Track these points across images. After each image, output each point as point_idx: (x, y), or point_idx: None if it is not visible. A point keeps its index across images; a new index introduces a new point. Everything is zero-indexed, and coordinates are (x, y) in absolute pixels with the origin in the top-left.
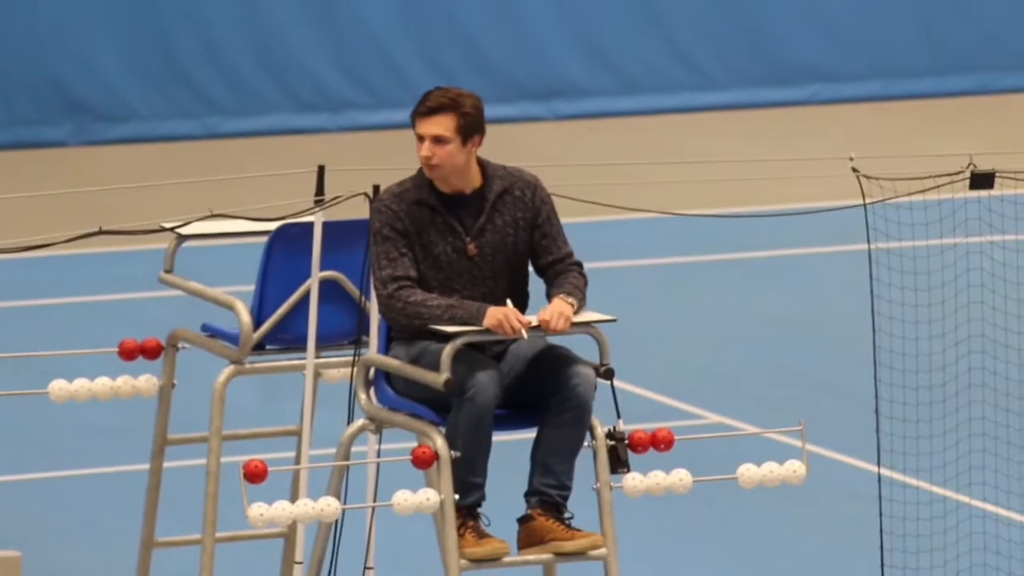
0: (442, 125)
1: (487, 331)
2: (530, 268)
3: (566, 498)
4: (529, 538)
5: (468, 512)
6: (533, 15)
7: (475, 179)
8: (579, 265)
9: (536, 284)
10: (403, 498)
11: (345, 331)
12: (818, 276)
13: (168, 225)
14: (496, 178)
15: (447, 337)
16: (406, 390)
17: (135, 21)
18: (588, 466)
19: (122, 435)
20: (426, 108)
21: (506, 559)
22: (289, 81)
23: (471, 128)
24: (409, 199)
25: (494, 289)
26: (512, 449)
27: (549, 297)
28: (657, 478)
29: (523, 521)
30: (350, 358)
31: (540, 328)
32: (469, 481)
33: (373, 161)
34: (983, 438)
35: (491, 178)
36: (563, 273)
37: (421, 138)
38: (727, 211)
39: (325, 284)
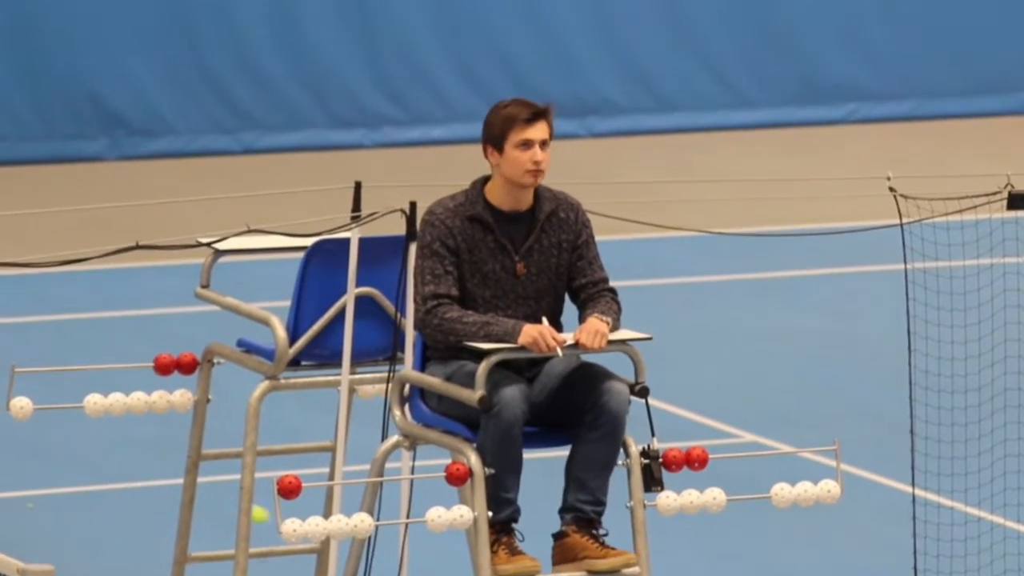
0: (545, 130)
1: (522, 348)
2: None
3: (600, 514)
4: (563, 554)
5: (501, 528)
6: (568, 32)
7: (530, 198)
8: (613, 291)
9: (568, 310)
10: (437, 515)
11: (380, 347)
12: (853, 295)
13: (204, 240)
14: (545, 199)
15: (482, 355)
16: (440, 407)
17: (172, 36)
18: (622, 484)
19: (156, 450)
20: (531, 114)
21: None
22: (325, 97)
23: (552, 136)
24: (463, 215)
25: (536, 310)
26: (548, 466)
27: (583, 319)
28: (691, 497)
29: (557, 537)
30: (385, 374)
31: (576, 346)
32: (499, 497)
33: (408, 177)
34: (1019, 459)
35: (541, 198)
36: (597, 296)
37: (528, 144)
38: (762, 230)
39: (361, 300)
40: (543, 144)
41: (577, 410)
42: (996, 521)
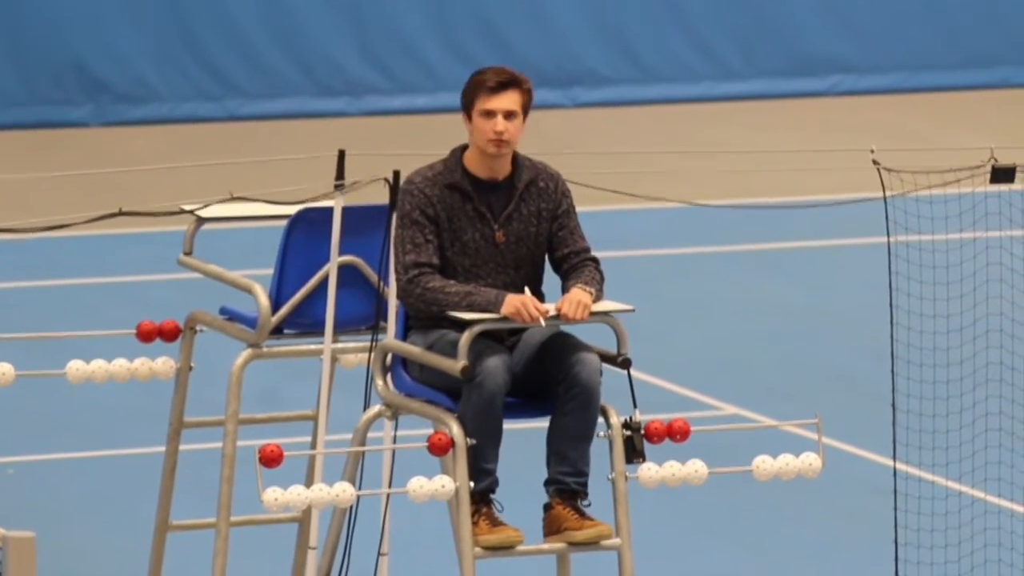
0: (513, 100)
1: (505, 319)
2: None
3: (583, 484)
4: (549, 527)
5: (480, 498)
6: (554, 2)
7: (507, 166)
8: (596, 261)
9: (550, 280)
10: (418, 485)
11: (363, 316)
12: (836, 268)
13: (188, 207)
14: (524, 168)
15: (465, 324)
16: (423, 377)
17: (156, 2)
18: (604, 456)
19: (138, 417)
20: (496, 83)
21: (519, 547)
22: (310, 65)
23: (528, 107)
24: (442, 183)
25: (515, 279)
26: (533, 436)
27: (565, 289)
28: (672, 469)
29: (546, 509)
30: (367, 343)
31: (558, 317)
32: (479, 467)
33: (392, 146)
34: (1000, 433)
35: (520, 167)
36: (580, 266)
37: (490, 114)
38: (746, 202)
39: (344, 269)
40: (508, 115)
41: (551, 381)
42: (977, 495)
